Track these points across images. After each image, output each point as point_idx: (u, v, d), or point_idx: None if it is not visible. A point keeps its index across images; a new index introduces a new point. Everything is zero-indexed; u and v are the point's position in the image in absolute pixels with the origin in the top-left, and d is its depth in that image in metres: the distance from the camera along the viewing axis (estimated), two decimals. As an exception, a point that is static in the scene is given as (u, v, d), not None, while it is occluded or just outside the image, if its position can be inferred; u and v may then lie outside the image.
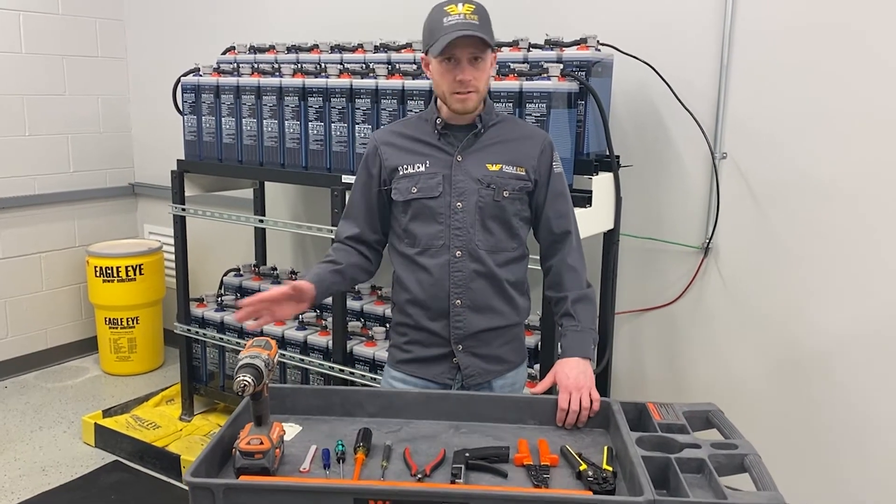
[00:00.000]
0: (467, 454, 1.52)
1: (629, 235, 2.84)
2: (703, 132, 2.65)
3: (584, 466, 1.48)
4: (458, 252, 1.81)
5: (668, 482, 1.42)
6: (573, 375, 1.73)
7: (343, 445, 1.55)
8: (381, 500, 1.32)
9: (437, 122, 1.83)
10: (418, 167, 1.83)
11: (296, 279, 3.37)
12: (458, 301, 1.83)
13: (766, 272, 2.66)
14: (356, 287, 3.33)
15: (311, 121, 2.88)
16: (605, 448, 1.58)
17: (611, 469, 1.48)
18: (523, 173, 1.83)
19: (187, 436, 3.35)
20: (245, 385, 1.39)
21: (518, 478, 1.48)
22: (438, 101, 1.84)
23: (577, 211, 2.45)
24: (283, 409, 1.73)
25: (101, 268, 4.02)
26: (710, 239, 2.72)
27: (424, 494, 1.33)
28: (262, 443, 1.43)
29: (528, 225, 1.92)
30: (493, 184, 1.81)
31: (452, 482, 1.43)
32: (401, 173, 1.84)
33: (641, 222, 2.85)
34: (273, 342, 1.53)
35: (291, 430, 1.67)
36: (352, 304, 3.18)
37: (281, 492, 1.34)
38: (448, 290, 1.82)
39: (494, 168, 1.82)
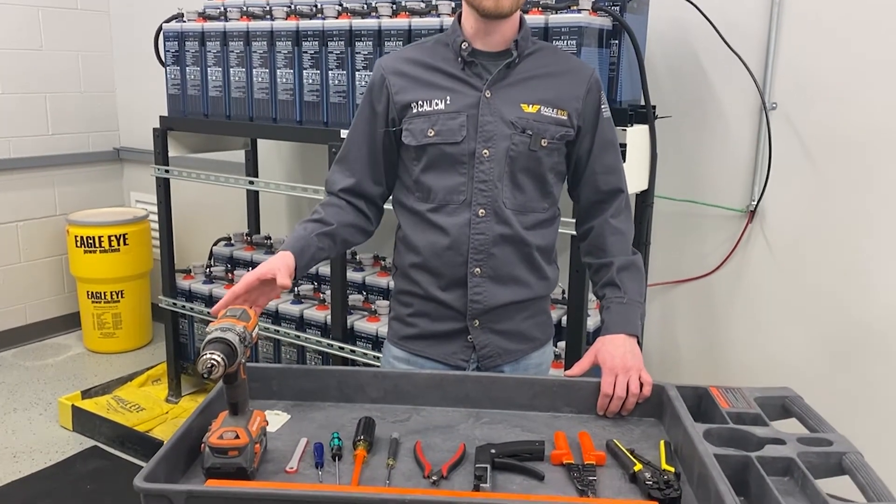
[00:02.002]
0: (493, 451, 1.23)
1: (664, 197, 2.53)
2: (753, 79, 2.33)
3: (639, 466, 1.19)
4: (482, 211, 1.49)
5: (749, 488, 1.13)
6: (619, 354, 1.43)
7: (340, 439, 1.27)
8: (387, 512, 1.03)
9: (463, 46, 1.48)
10: (436, 104, 1.49)
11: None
12: (478, 269, 1.51)
13: (819, 238, 2.35)
14: (357, 257, 3.04)
15: (305, 69, 2.57)
16: (662, 443, 1.29)
17: (672, 470, 1.19)
18: (565, 118, 1.49)
19: (173, 419, 3.08)
20: (213, 365, 1.09)
21: (557, 480, 1.20)
22: (462, 19, 1.51)
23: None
24: (267, 393, 1.45)
25: (82, 237, 3.73)
26: (758, 201, 2.41)
27: (442, 505, 1.04)
28: (237, 436, 1.15)
29: (562, 181, 1.59)
30: (530, 129, 1.47)
31: (476, 487, 1.14)
32: (414, 111, 1.50)
33: (678, 183, 2.54)
34: (252, 312, 1.24)
35: (277, 419, 1.38)
36: (353, 275, 2.90)
37: (259, 501, 1.05)
38: (466, 256, 1.50)
39: (531, 110, 1.48)
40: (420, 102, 1.49)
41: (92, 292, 3.83)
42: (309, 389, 1.45)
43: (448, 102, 1.48)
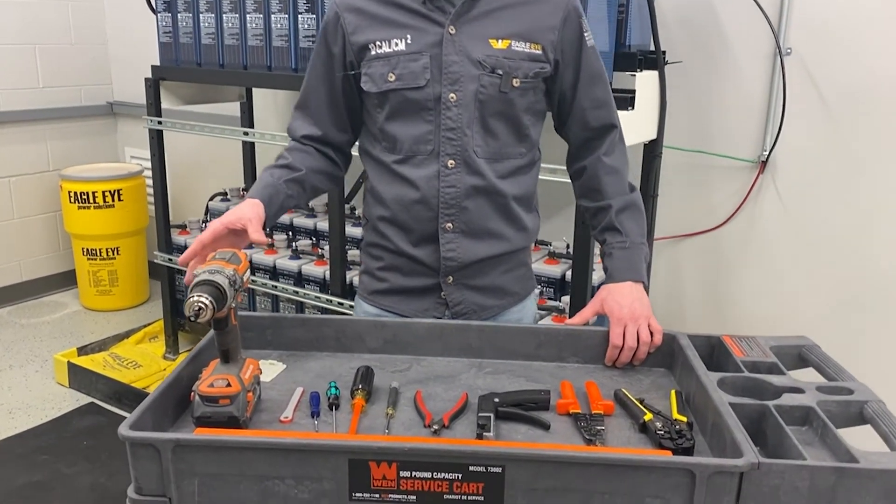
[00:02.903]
0: (497, 400, 1.18)
1: (672, 148, 2.44)
2: (768, 22, 2.23)
3: (649, 416, 1.14)
4: (451, 161, 1.37)
5: (766, 438, 1.08)
6: (626, 304, 1.36)
7: (337, 388, 1.21)
8: (386, 461, 0.98)
9: None
10: (396, 44, 1.35)
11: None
12: (450, 224, 1.40)
13: (833, 189, 2.28)
14: (356, 212, 2.97)
15: (301, 13, 2.47)
16: (673, 392, 1.23)
17: (684, 419, 1.14)
18: (539, 52, 1.37)
19: (171, 376, 3.04)
20: (200, 308, 1.03)
21: (563, 430, 1.15)
22: None
23: (618, 114, 2.08)
24: (262, 342, 1.40)
25: (75, 193, 3.65)
26: (770, 151, 2.33)
27: (444, 454, 0.98)
28: (229, 385, 1.10)
29: (542, 120, 1.47)
30: (500, 67, 1.35)
31: (479, 436, 1.09)
32: (372, 53, 1.36)
33: (687, 132, 2.46)
34: (243, 255, 1.17)
35: (272, 368, 1.33)
36: (351, 230, 2.82)
37: (251, 450, 0.99)
38: (437, 210, 1.40)
39: (500, 45, 1.35)
40: (378, 43, 1.36)
41: (87, 249, 3.77)
42: (305, 339, 1.39)
43: (409, 42, 1.35)
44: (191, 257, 1.23)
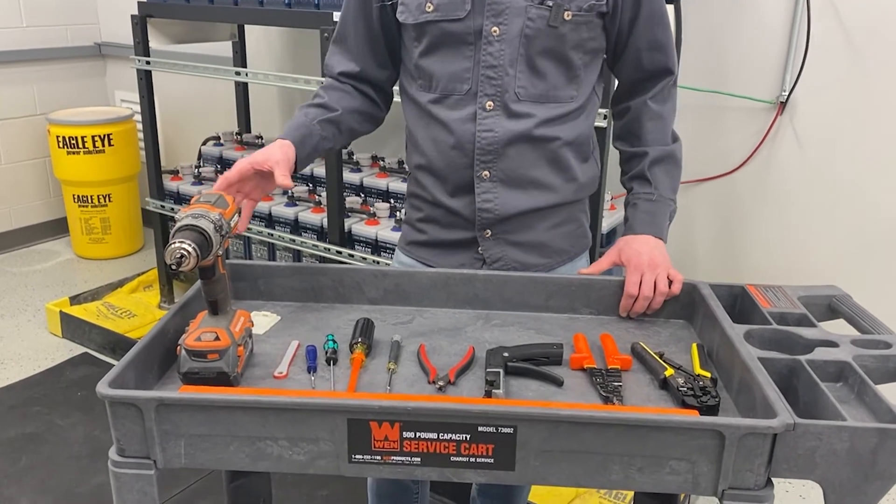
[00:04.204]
0: (506, 354, 1.10)
1: (686, 88, 2.31)
2: (792, -51, 2.09)
3: (670, 371, 1.06)
4: (490, 103, 1.25)
5: (797, 395, 1.00)
6: (645, 252, 1.28)
7: (335, 341, 1.14)
8: (388, 421, 0.90)
9: None
10: None
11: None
12: (486, 173, 1.29)
13: (856, 132, 2.17)
14: (354, 157, 2.86)
15: (294, -57, 2.32)
16: (694, 346, 1.15)
17: (708, 375, 1.06)
18: None
19: (166, 325, 2.97)
20: (182, 255, 0.94)
21: (578, 386, 1.07)
22: None
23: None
24: (254, 293, 1.32)
25: (64, 138, 3.53)
26: (790, 92, 2.21)
27: (451, 413, 0.91)
28: (217, 338, 1.02)
29: (597, 60, 1.33)
30: None
31: (488, 394, 1.02)
32: None
33: (702, 71, 2.33)
34: (230, 198, 1.08)
35: (265, 320, 1.25)
36: (349, 176, 2.72)
37: (241, 409, 0.91)
38: (472, 156, 1.29)
39: None
40: None
41: (78, 196, 3.66)
42: (301, 289, 1.31)
43: None
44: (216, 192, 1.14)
